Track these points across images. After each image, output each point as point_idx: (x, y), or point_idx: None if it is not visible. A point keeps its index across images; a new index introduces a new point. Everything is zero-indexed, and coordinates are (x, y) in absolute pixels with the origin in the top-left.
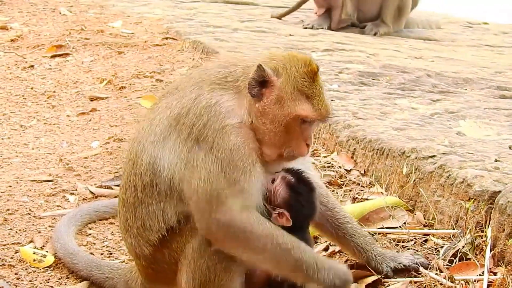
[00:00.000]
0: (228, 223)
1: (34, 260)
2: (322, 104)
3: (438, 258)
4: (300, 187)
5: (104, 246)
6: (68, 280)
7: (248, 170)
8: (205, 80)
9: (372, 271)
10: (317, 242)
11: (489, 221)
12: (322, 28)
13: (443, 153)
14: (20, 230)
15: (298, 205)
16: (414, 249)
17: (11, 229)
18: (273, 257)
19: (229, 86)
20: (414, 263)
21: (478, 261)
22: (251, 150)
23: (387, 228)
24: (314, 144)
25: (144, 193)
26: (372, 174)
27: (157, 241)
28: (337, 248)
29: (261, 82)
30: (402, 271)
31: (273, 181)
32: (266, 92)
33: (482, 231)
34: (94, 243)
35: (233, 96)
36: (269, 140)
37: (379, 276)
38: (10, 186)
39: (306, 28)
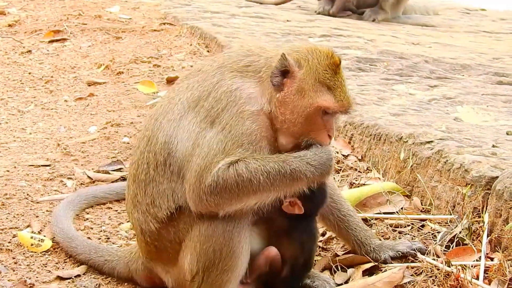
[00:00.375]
0: (220, 185)
1: (32, 245)
2: (344, 95)
3: (435, 243)
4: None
5: (101, 231)
6: (65, 265)
7: (251, 150)
8: (227, 67)
9: (370, 259)
10: None
11: (486, 206)
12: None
13: (441, 139)
14: (17, 214)
15: (311, 194)
16: (411, 235)
17: (8, 213)
18: (271, 185)
19: (251, 75)
20: (411, 249)
21: (475, 246)
22: (262, 138)
23: (384, 213)
24: None
25: (157, 172)
26: (370, 160)
27: (165, 218)
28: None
29: (283, 72)
30: (400, 258)
31: None
32: (288, 82)
33: (479, 217)
34: (92, 228)
35: (255, 85)
36: (287, 130)
37: (376, 263)
38: (8, 171)
39: (319, 14)
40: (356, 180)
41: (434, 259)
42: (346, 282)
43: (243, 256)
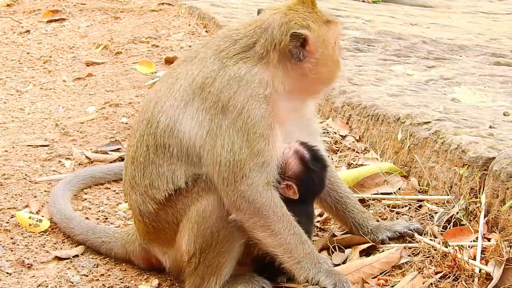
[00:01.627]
0: (253, 197)
1: (30, 225)
2: (334, 19)
3: (433, 224)
4: (314, 163)
5: (99, 211)
6: (63, 245)
7: (271, 141)
8: (225, 52)
9: (368, 239)
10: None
11: (483, 187)
12: None
13: (438, 119)
14: (15, 194)
15: (309, 181)
16: (408, 215)
17: (6, 193)
18: (286, 242)
19: (253, 59)
20: (409, 230)
21: (472, 227)
22: (276, 121)
23: (382, 194)
24: None
25: (156, 154)
26: (367, 140)
27: (163, 200)
28: None
29: (301, 44)
30: (398, 239)
31: (286, 151)
32: (310, 49)
33: (476, 197)
34: (90, 208)
35: (261, 68)
36: (328, 79)
37: (374, 243)
38: (6, 151)
39: None
40: (353, 161)
41: (431, 240)
42: (344, 262)
43: (239, 239)
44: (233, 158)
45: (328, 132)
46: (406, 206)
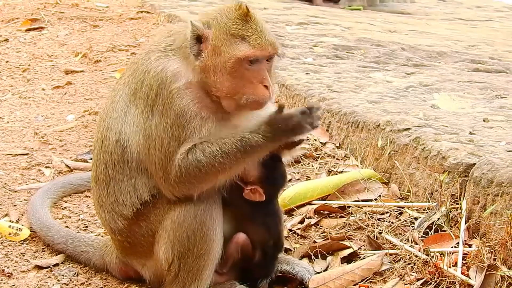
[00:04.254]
0: (181, 172)
1: (10, 234)
2: (261, 39)
3: (413, 230)
4: (270, 162)
5: (79, 220)
6: (43, 254)
7: (198, 127)
8: (152, 50)
9: (347, 244)
10: (293, 215)
11: (464, 193)
12: None
13: (418, 126)
14: None
15: (272, 179)
16: (389, 222)
17: None
18: (232, 164)
19: (175, 52)
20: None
21: (453, 233)
22: (200, 109)
23: (362, 200)
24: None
25: (115, 170)
26: (347, 147)
27: (132, 215)
28: (313, 221)
29: (197, 39)
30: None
31: None
32: (203, 47)
33: (457, 204)
34: (70, 217)
35: (179, 60)
36: (220, 92)
37: (355, 249)
38: None
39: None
40: (334, 168)
41: (411, 246)
42: (325, 269)
43: (217, 239)
44: (164, 155)
45: (308, 139)
46: (387, 212)
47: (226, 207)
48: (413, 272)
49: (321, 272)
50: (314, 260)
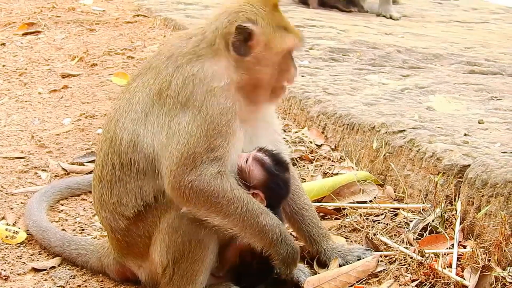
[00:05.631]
0: (201, 187)
1: (7, 237)
2: (297, 30)
3: (408, 231)
4: (276, 168)
5: (76, 222)
6: (40, 257)
7: (230, 136)
8: (177, 54)
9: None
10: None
11: (459, 195)
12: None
13: (413, 128)
14: None
15: (275, 186)
16: (384, 223)
17: None
18: (241, 221)
19: (205, 52)
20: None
21: (447, 234)
22: (237, 118)
23: (357, 202)
24: (284, 119)
25: (122, 171)
26: (343, 149)
27: (133, 216)
28: None
29: (245, 39)
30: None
31: (246, 160)
32: (253, 44)
33: (452, 205)
34: (66, 219)
35: (214, 60)
36: (267, 83)
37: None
38: None
39: None
40: (329, 170)
41: (406, 248)
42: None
43: (211, 246)
44: (187, 151)
45: (303, 142)
46: (382, 214)
47: None
48: (408, 273)
49: (317, 273)
50: (310, 261)
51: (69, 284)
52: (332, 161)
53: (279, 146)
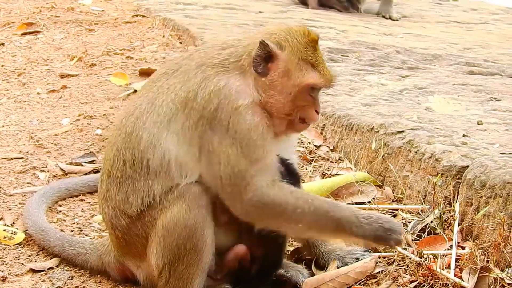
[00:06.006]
0: (262, 200)
1: (5, 237)
2: (327, 70)
3: (407, 232)
4: (288, 178)
5: (74, 223)
6: (38, 257)
7: (267, 146)
8: (207, 63)
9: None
10: None
11: (457, 196)
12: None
13: (412, 129)
14: None
15: None
16: None
17: None
18: (313, 221)
19: (233, 67)
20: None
21: (446, 235)
22: (267, 127)
23: (356, 203)
24: None
25: (133, 169)
26: (341, 150)
27: (135, 215)
28: None
29: (266, 58)
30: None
31: None
32: (273, 67)
33: (450, 206)
34: (65, 220)
35: (239, 77)
36: (279, 112)
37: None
38: None
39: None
40: (328, 171)
41: (405, 249)
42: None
43: (206, 250)
44: (232, 171)
45: (302, 142)
46: None
47: (231, 216)
48: (407, 274)
49: (314, 274)
50: (308, 262)
51: (67, 285)
52: (331, 161)
53: (291, 156)
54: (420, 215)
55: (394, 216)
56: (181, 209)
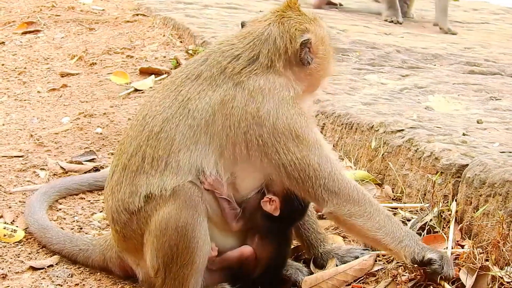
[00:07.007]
0: (338, 186)
1: (5, 235)
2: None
3: None
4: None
5: (74, 221)
6: (38, 255)
7: (316, 132)
8: (230, 68)
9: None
10: None
11: (456, 194)
12: None
13: (411, 127)
14: None
15: (293, 200)
16: None
17: None
18: (384, 224)
19: (260, 68)
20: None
21: (445, 234)
22: (310, 120)
23: None
24: None
25: (151, 165)
26: (341, 148)
27: (136, 210)
28: None
29: (308, 47)
30: None
31: None
32: (313, 51)
33: (450, 204)
34: (65, 218)
35: (273, 75)
36: (329, 71)
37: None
38: None
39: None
40: None
41: None
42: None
43: (199, 251)
44: (298, 163)
45: None
46: None
47: (241, 216)
48: (406, 272)
49: (313, 273)
50: (307, 261)
51: (67, 283)
52: None
53: None
54: (420, 213)
55: (394, 214)
56: (172, 208)
